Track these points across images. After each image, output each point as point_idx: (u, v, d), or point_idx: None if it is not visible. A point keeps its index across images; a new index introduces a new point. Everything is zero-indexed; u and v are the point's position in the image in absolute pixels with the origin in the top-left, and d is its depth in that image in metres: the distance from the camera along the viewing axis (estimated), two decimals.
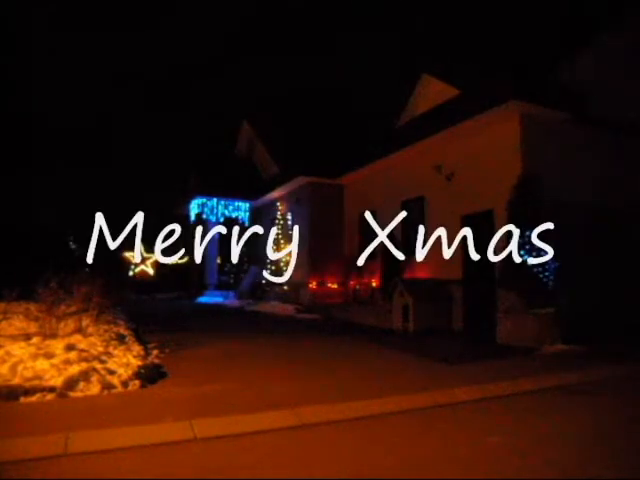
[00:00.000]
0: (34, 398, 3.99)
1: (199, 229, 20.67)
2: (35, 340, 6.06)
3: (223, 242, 19.98)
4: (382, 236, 12.02)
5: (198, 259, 20.86)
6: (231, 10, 44.71)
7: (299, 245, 15.20)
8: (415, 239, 11.36)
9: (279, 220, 16.33)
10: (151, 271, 30.85)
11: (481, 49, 12.80)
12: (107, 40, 44.70)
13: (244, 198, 18.59)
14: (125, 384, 4.45)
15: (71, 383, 4.26)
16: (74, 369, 4.51)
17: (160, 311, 14.32)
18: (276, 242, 16.23)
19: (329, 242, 14.49)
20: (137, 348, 6.04)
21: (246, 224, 18.95)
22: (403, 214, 11.87)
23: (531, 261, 7.72)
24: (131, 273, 30.57)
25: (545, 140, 8.73)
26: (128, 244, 30.59)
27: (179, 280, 25.83)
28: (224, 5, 45.44)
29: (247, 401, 4.11)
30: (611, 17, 10.29)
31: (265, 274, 16.73)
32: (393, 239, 11.62)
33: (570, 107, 8.84)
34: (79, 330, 6.94)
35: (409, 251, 11.47)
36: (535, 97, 8.60)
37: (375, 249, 12.71)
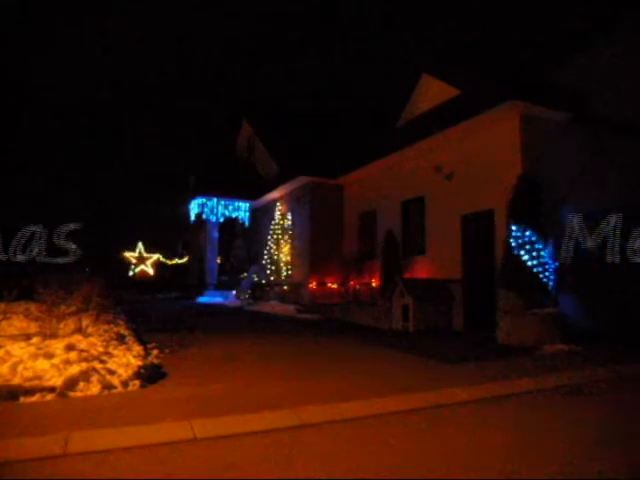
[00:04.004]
0: (34, 398, 3.98)
1: (199, 229, 20.70)
2: (35, 340, 6.05)
3: (223, 242, 20.00)
4: (382, 236, 12.02)
5: (198, 259, 20.88)
6: (232, 10, 44.71)
7: (299, 245, 15.20)
8: (415, 239, 11.37)
9: (279, 220, 16.33)
10: (151, 271, 30.86)
11: (481, 49, 12.80)
12: (108, 40, 44.68)
13: (244, 198, 18.58)
14: (125, 384, 4.45)
15: (71, 383, 4.26)
16: (74, 369, 4.50)
17: (160, 311, 14.31)
18: (276, 242, 16.23)
19: (329, 242, 14.48)
20: (137, 348, 6.03)
21: (246, 224, 18.95)
22: (403, 214, 11.88)
23: (531, 261, 7.72)
24: (131, 273, 30.58)
25: (545, 140, 8.73)
26: (128, 244, 30.63)
27: (179, 280, 25.87)
28: (225, 5, 45.45)
29: (247, 401, 4.11)
30: (611, 18, 10.30)
31: (265, 274, 16.74)
32: (393, 239, 11.61)
33: (570, 107, 8.85)
34: (79, 330, 6.94)
35: (409, 251, 11.48)
36: (535, 97, 8.61)
37: (375, 249, 12.71)
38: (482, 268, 9.18)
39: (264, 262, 16.88)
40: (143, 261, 30.81)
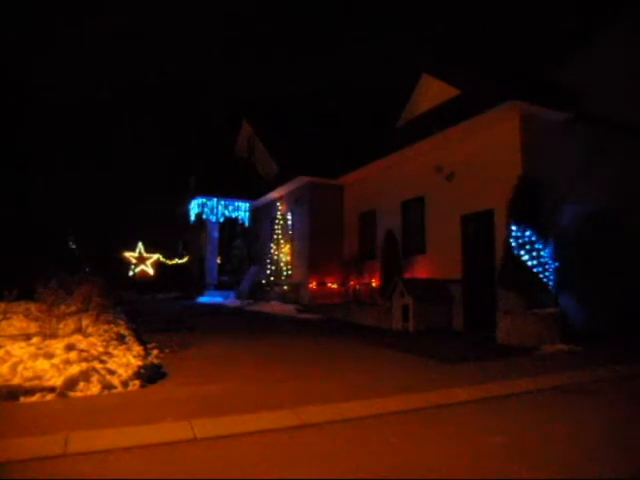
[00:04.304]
0: (34, 398, 3.98)
1: (199, 229, 20.68)
2: (35, 340, 6.05)
3: (223, 242, 20.00)
4: (382, 236, 12.03)
5: (198, 259, 20.87)
6: (232, 10, 44.72)
7: (299, 245, 15.21)
8: (415, 239, 11.38)
9: (279, 220, 16.34)
10: (151, 271, 30.87)
11: (481, 49, 12.80)
12: (109, 39, 44.68)
13: (244, 198, 18.60)
14: (125, 384, 4.45)
15: (71, 383, 4.25)
16: (74, 369, 4.50)
17: (160, 311, 14.32)
18: (276, 242, 16.24)
19: (329, 242, 14.49)
20: (137, 348, 6.03)
21: (246, 224, 18.96)
22: (403, 214, 11.88)
23: (531, 261, 7.72)
24: (131, 273, 30.58)
25: (545, 140, 8.73)
26: (128, 244, 30.64)
27: (179, 280, 25.87)
28: (225, 3, 45.45)
29: (247, 401, 4.11)
30: (610, 17, 10.30)
31: (265, 274, 16.74)
32: (393, 239, 11.62)
33: (570, 107, 8.85)
34: (79, 330, 6.93)
35: (409, 251, 11.48)
36: (535, 97, 8.60)
37: (375, 249, 12.72)
38: (482, 268, 9.17)
39: (264, 262, 16.88)
40: (143, 261, 30.81)
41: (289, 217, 15.92)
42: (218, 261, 20.18)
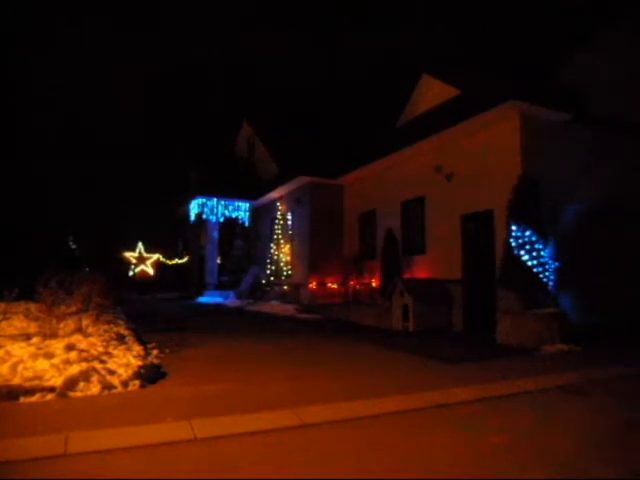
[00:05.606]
0: (34, 398, 3.98)
1: (199, 229, 20.67)
2: (35, 340, 6.05)
3: (223, 242, 20.00)
4: (382, 236, 12.03)
5: (198, 259, 20.86)
6: (232, 10, 44.74)
7: (299, 245, 15.21)
8: (415, 239, 11.37)
9: (279, 220, 16.34)
10: (151, 271, 30.86)
11: (481, 49, 12.80)
12: (109, 39, 44.71)
13: (244, 198, 18.60)
14: (125, 384, 4.46)
15: (71, 383, 4.26)
16: (74, 369, 4.51)
17: (160, 311, 14.32)
18: (276, 242, 16.24)
19: (329, 242, 14.49)
20: (137, 348, 6.04)
21: (246, 224, 18.95)
22: (403, 214, 11.88)
23: (531, 261, 7.72)
24: (131, 273, 30.58)
25: (545, 140, 8.73)
26: (128, 244, 30.66)
27: (179, 280, 25.87)
28: (226, 5, 45.49)
29: (247, 401, 4.11)
30: (611, 17, 10.29)
31: (265, 274, 16.74)
32: (392, 239, 11.62)
33: (570, 107, 8.84)
34: (79, 330, 6.94)
35: (409, 251, 11.48)
36: (535, 97, 8.60)
37: (375, 249, 12.72)
38: (482, 268, 9.17)
39: (264, 262, 16.88)
40: (143, 261, 30.79)
41: (289, 217, 15.92)
42: (218, 261, 20.17)
